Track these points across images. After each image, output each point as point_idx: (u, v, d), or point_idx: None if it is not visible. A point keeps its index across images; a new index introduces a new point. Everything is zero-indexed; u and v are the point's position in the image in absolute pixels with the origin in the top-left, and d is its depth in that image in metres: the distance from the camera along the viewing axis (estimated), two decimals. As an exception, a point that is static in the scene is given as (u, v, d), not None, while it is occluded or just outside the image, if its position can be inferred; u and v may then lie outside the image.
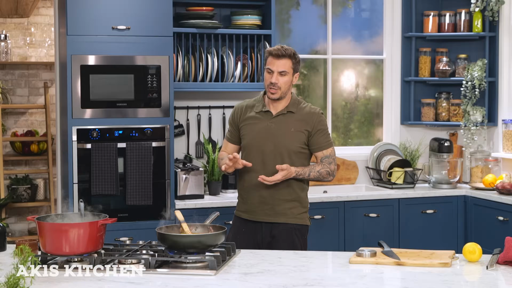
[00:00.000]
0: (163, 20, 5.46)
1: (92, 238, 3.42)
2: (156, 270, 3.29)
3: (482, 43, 6.71)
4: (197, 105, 6.23)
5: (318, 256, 3.67)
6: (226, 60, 5.95)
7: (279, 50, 4.26)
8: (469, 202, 6.26)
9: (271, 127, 4.29)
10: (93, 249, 3.43)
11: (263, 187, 4.25)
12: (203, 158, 6.21)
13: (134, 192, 5.41)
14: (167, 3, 5.47)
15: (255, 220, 4.31)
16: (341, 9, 6.94)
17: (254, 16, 6.01)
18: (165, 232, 3.50)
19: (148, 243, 3.71)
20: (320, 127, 4.31)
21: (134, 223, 5.41)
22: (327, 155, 4.32)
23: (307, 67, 6.85)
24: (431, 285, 3.12)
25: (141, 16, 5.42)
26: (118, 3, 5.38)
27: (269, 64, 4.28)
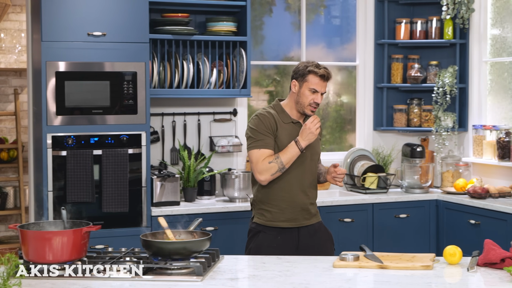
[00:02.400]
0: (139, 27, 5.46)
1: (76, 246, 3.40)
2: (142, 277, 3.28)
3: (453, 50, 6.80)
4: (172, 111, 6.23)
5: (301, 260, 3.70)
6: (201, 67, 5.96)
7: (328, 73, 4.39)
8: (441, 206, 6.34)
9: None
10: (77, 257, 3.42)
11: (302, 194, 4.41)
12: (178, 164, 6.21)
13: (110, 199, 5.39)
14: (143, 9, 5.47)
15: (294, 227, 4.40)
16: (314, 16, 6.99)
17: (229, 22, 6.04)
18: (150, 239, 3.50)
19: (131, 250, 3.71)
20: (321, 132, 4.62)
21: (110, 230, 5.38)
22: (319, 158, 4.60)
23: (280, 73, 6.89)
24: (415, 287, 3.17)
25: (117, 22, 5.41)
26: (94, 9, 5.36)
27: (315, 85, 4.36)
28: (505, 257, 3.45)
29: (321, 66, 4.41)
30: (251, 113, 6.68)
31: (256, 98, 6.80)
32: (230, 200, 5.98)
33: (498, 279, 3.27)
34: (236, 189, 5.94)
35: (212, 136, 6.33)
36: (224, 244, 5.53)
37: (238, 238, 5.73)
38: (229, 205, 5.83)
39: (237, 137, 6.35)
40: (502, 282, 3.22)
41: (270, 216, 4.39)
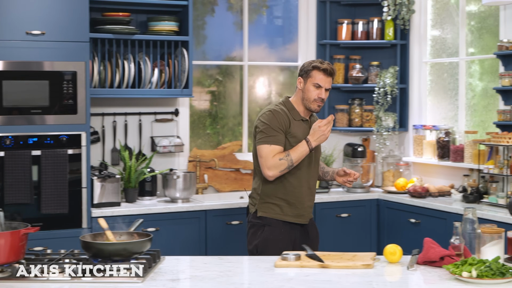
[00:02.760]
0: (79, 25, 5.39)
1: (13, 248, 3.35)
2: (81, 279, 3.24)
3: (394, 51, 6.88)
4: (113, 111, 6.17)
5: (243, 261, 3.70)
6: (143, 66, 5.92)
7: (331, 68, 4.43)
8: (382, 205, 6.40)
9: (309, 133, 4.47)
10: (15, 259, 3.36)
11: (308, 191, 4.50)
12: (119, 165, 6.15)
13: (49, 201, 5.31)
14: (83, 8, 5.40)
15: (302, 223, 4.50)
16: (256, 16, 6.99)
17: (171, 22, 6.00)
18: (89, 240, 3.46)
19: (71, 252, 3.65)
20: None
21: (49, 232, 5.30)
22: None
23: (222, 73, 6.87)
24: (355, 286, 3.18)
25: (57, 21, 5.33)
26: (32, 7, 5.27)
27: (319, 80, 4.41)
28: (444, 255, 3.49)
29: (324, 62, 4.46)
30: (193, 113, 6.66)
31: (198, 98, 6.77)
32: (172, 200, 5.94)
33: (437, 277, 3.31)
34: (178, 190, 5.91)
35: (153, 136, 6.29)
36: (166, 245, 5.50)
37: (179, 238, 5.71)
38: (170, 205, 5.80)
39: (178, 137, 6.32)
40: (441, 280, 3.26)
41: (279, 210, 4.43)
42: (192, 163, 6.44)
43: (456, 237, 3.58)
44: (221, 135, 6.86)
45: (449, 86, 6.63)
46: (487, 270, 3.17)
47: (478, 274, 3.16)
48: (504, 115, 5.80)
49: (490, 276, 3.14)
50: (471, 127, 6.38)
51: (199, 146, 6.68)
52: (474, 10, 6.38)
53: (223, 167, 6.58)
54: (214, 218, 5.85)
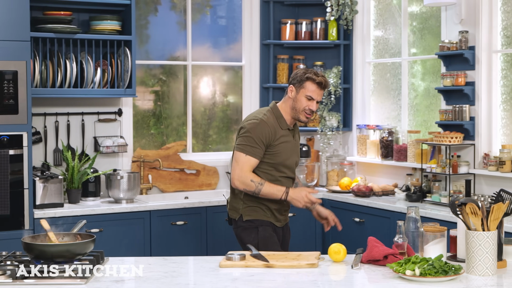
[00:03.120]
0: (19, 24, 5.30)
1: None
2: (23, 281, 3.19)
3: (337, 51, 6.92)
4: (55, 111, 6.09)
5: (188, 261, 3.68)
6: (85, 66, 5.86)
7: (326, 81, 4.40)
8: (326, 204, 6.41)
9: (293, 143, 4.50)
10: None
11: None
12: (61, 165, 6.07)
13: (-10, 202, 5.23)
14: (23, 7, 5.31)
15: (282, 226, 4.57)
16: (199, 16, 6.97)
17: (113, 21, 5.95)
18: (31, 242, 3.41)
19: (12, 254, 3.59)
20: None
21: (-10, 233, 5.23)
22: None
23: (166, 73, 6.83)
24: (300, 286, 3.19)
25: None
26: (-29, 6, 5.19)
27: (312, 93, 4.36)
28: (388, 254, 3.52)
29: (319, 74, 4.40)
30: (137, 113, 6.61)
31: (142, 98, 6.72)
32: (116, 201, 5.89)
33: (381, 275, 3.34)
34: (122, 190, 5.86)
35: (96, 137, 6.22)
36: (110, 246, 5.46)
37: (124, 239, 5.66)
38: (114, 206, 5.75)
39: (122, 137, 6.27)
40: (385, 278, 3.28)
41: (263, 212, 4.43)
42: (136, 164, 6.40)
43: (400, 236, 3.61)
44: (165, 135, 6.83)
45: (392, 86, 6.70)
46: (430, 268, 3.20)
47: (421, 272, 3.19)
48: (446, 115, 5.88)
49: (433, 274, 3.18)
50: (414, 127, 6.45)
51: (143, 146, 6.64)
52: (416, 11, 6.46)
53: (167, 167, 6.54)
54: (159, 219, 5.82)
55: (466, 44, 5.75)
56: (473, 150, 5.79)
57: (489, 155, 5.67)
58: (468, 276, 3.28)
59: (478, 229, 3.34)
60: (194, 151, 6.85)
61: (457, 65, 5.86)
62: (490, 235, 3.31)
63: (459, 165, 5.71)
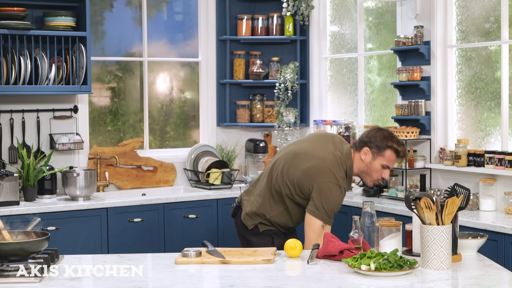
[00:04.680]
0: (-28, 21, 5.24)
1: None
2: (-24, 280, 3.16)
3: (294, 46, 6.93)
4: (10, 108, 6.02)
5: (143, 258, 3.66)
6: (40, 63, 5.79)
7: (405, 152, 4.22)
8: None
9: None
10: None
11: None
12: (17, 163, 6.00)
13: None
14: (-24, 3, 5.26)
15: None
16: (155, 12, 6.93)
17: (68, 17, 5.90)
18: (-16, 241, 3.37)
19: (-34, 253, 3.55)
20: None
21: None
22: None
23: (122, 69, 6.79)
24: (256, 281, 3.20)
25: None
26: None
27: (390, 162, 4.18)
28: (343, 249, 3.54)
29: (401, 142, 4.21)
30: (93, 110, 6.56)
31: (98, 94, 6.67)
32: (72, 198, 5.84)
33: (337, 270, 3.35)
34: (78, 188, 5.81)
35: (52, 134, 6.16)
36: (66, 243, 5.42)
37: (81, 237, 5.62)
38: (71, 203, 5.69)
39: (78, 134, 6.21)
40: (341, 273, 3.30)
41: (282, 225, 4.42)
42: (93, 161, 6.35)
43: (355, 231, 3.63)
44: (122, 132, 6.78)
45: (348, 81, 6.73)
46: (385, 263, 3.22)
47: (377, 267, 3.21)
48: (402, 110, 5.92)
49: (388, 268, 3.20)
50: (371, 122, 6.49)
51: (101, 143, 6.59)
52: (372, 6, 6.49)
53: (124, 164, 6.51)
54: (116, 216, 5.78)
55: (422, 39, 5.80)
56: (429, 145, 5.84)
57: (445, 149, 5.72)
58: (423, 270, 3.31)
59: (433, 224, 3.37)
60: (151, 147, 6.82)
61: (412, 60, 5.91)
62: (445, 229, 3.33)
63: (416, 159, 5.76)
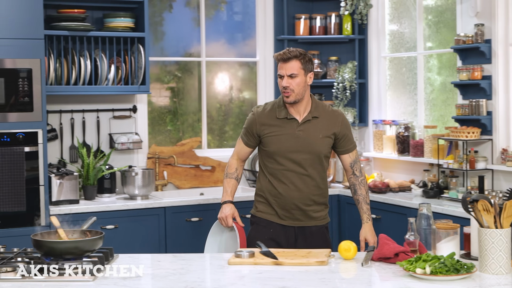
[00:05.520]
0: (33, 23, 5.32)
1: (-37, 247, 3.32)
2: (33, 277, 3.20)
3: (352, 46, 6.88)
4: (71, 108, 6.11)
5: (197, 258, 3.67)
6: (99, 63, 5.87)
7: (285, 53, 4.15)
8: (342, 201, 6.40)
9: (300, 135, 4.21)
10: (-36, 258, 3.33)
11: (297, 194, 4.24)
12: (77, 162, 6.10)
13: (6, 199, 5.26)
14: (37, 5, 5.33)
15: (286, 225, 4.27)
16: (214, 12, 6.96)
17: (127, 18, 5.96)
18: (40, 239, 3.42)
19: (23, 250, 3.62)
20: (346, 130, 4.31)
21: (7, 230, 5.26)
22: (354, 160, 4.37)
23: (181, 69, 6.83)
24: (309, 283, 3.16)
25: (11, 18, 5.26)
26: (-15, 4, 5.22)
27: (279, 69, 4.17)
28: (399, 251, 3.49)
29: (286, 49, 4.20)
30: (153, 110, 6.62)
31: (158, 94, 6.72)
32: (131, 197, 5.90)
33: (391, 273, 3.30)
34: (137, 187, 5.87)
35: (111, 133, 6.24)
36: (124, 242, 5.48)
37: (138, 236, 5.67)
38: (129, 202, 5.76)
39: (137, 134, 6.27)
40: (395, 276, 3.25)
41: (260, 207, 4.32)
42: (151, 160, 6.41)
43: (411, 233, 3.58)
44: (182, 131, 6.83)
45: (408, 80, 6.65)
46: (441, 267, 3.15)
47: (432, 270, 3.15)
48: (463, 110, 5.83)
49: (444, 272, 3.13)
50: (431, 122, 6.41)
51: (160, 143, 6.64)
52: (431, 4, 6.41)
53: (182, 164, 6.55)
54: (174, 215, 5.82)
55: (482, 37, 5.69)
56: (490, 145, 5.74)
57: (507, 150, 5.60)
58: (481, 275, 3.23)
59: (491, 227, 3.29)
60: (210, 147, 6.84)
61: (473, 59, 5.81)
62: (504, 233, 3.25)
63: (477, 160, 5.66)
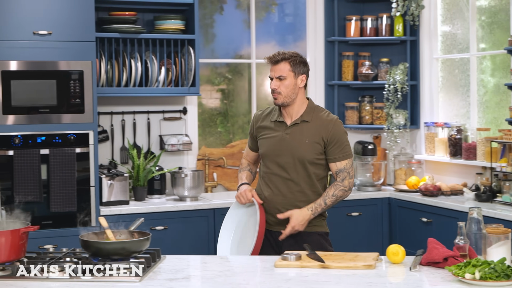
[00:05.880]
0: (85, 25, 5.39)
1: (14, 246, 3.36)
2: (80, 277, 3.24)
3: (404, 47, 6.81)
4: (121, 110, 6.17)
5: (243, 260, 3.67)
6: (150, 65, 5.91)
7: (274, 55, 4.10)
8: (393, 204, 6.34)
9: (285, 138, 4.13)
10: (15, 257, 3.38)
11: (282, 199, 4.13)
12: (128, 163, 6.15)
13: (58, 199, 5.32)
14: (89, 8, 5.40)
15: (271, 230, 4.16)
16: (265, 14, 6.96)
17: (177, 20, 6.00)
18: (88, 239, 3.45)
19: (72, 251, 3.66)
20: (336, 138, 4.11)
21: (58, 230, 5.34)
22: (340, 168, 4.12)
23: (231, 71, 6.85)
24: (355, 287, 3.14)
25: (63, 21, 5.34)
26: (39, 8, 5.29)
27: (270, 71, 4.15)
28: (448, 256, 3.43)
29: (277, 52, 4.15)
30: (203, 112, 6.65)
31: (208, 96, 6.75)
32: (180, 199, 5.93)
33: (440, 278, 3.25)
34: (186, 188, 5.90)
35: (162, 135, 6.28)
36: (174, 243, 5.50)
37: (188, 237, 5.69)
38: (179, 204, 5.78)
39: (187, 136, 6.30)
40: (444, 281, 3.20)
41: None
42: (201, 162, 6.43)
43: (461, 238, 3.52)
44: (232, 133, 6.84)
45: (460, 82, 6.56)
46: (491, 272, 3.09)
47: (482, 276, 3.08)
48: (516, 112, 5.73)
49: (494, 278, 3.07)
50: (484, 124, 6.31)
51: (211, 144, 6.67)
52: (485, 4, 6.31)
53: (232, 166, 6.55)
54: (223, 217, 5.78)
55: (537, 39, 5.60)
56: (544, 148, 5.64)
57: (561, 153, 5.50)
58: (533, 281, 3.17)
59: (543, 232, 3.23)
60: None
61: (527, 61, 5.71)
62: (556, 238, 3.19)
63: (530, 164, 5.56)
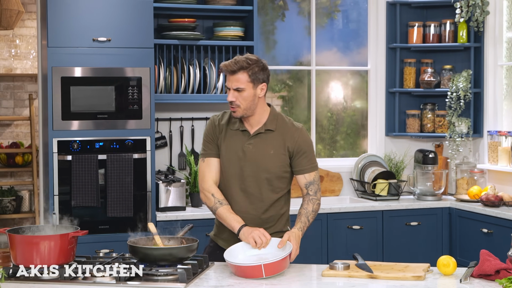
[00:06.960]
0: (144, 32, 5.44)
1: (63, 250, 3.42)
2: (127, 283, 3.26)
3: (467, 54, 6.68)
4: (180, 116, 6.20)
5: (291, 269, 3.63)
6: (208, 72, 5.92)
7: (230, 64, 3.70)
8: (453, 214, 6.22)
9: (248, 149, 3.77)
10: (64, 261, 3.42)
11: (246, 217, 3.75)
12: (185, 170, 6.17)
13: (114, 204, 5.37)
14: (148, 15, 5.44)
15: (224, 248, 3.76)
16: (327, 20, 6.92)
17: (236, 27, 5.99)
18: (135, 245, 3.48)
19: (121, 256, 3.69)
20: (303, 147, 3.79)
21: (115, 235, 5.37)
22: (310, 181, 3.80)
23: (292, 78, 6.83)
24: (403, 298, 3.09)
25: (122, 27, 5.39)
26: (98, 15, 5.35)
27: (226, 81, 3.78)
28: (500, 268, 3.35)
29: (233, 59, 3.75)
30: (262, 118, 6.62)
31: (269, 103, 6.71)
32: (238, 206, 5.91)
33: (491, 291, 3.18)
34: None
35: (220, 141, 6.28)
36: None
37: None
38: (235, 211, 5.76)
39: (245, 143, 6.29)
40: (494, 294, 3.13)
41: (215, 230, 3.99)
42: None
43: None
44: (292, 140, 6.80)
45: (525, 90, 6.42)
46: (543, 285, 3.02)
47: (533, 289, 3.01)
48: None
49: (546, 291, 2.99)
50: (549, 134, 6.15)
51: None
52: (551, 12, 6.16)
53: (290, 173, 6.51)
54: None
55: None
56: None
57: None
58: None
59: None
60: (320, 156, 6.80)
61: None
62: None
63: None
